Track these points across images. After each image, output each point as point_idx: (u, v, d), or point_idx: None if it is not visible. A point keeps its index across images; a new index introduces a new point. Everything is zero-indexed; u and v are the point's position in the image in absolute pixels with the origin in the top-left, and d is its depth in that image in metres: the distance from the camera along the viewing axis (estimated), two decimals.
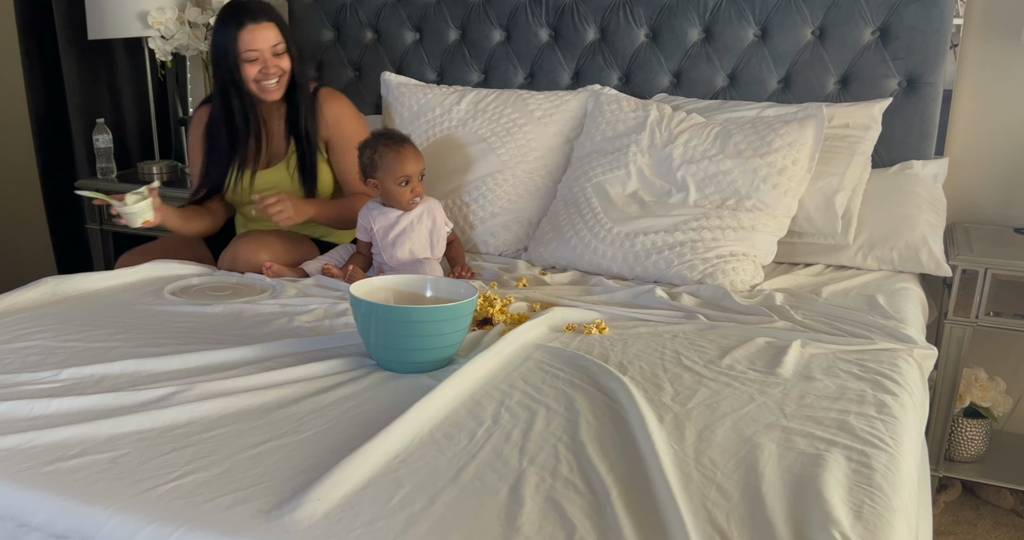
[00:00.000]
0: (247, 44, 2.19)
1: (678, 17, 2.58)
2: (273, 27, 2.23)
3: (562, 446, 1.32)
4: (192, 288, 2.06)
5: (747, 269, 2.11)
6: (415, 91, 2.68)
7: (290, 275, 2.18)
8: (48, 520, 1.17)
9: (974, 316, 2.25)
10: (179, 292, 2.02)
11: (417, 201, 2.17)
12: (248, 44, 2.19)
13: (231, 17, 2.20)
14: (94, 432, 1.33)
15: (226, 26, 2.20)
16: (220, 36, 2.22)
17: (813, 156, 2.22)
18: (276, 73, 2.24)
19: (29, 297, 1.94)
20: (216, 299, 1.97)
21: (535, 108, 2.55)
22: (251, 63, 2.22)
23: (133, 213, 2.08)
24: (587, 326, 1.82)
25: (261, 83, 2.24)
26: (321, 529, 1.10)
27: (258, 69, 2.22)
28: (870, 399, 1.51)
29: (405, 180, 2.13)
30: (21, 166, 3.61)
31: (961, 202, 2.58)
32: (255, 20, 2.20)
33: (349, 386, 1.52)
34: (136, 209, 2.08)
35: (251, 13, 2.20)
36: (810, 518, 1.13)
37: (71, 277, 2.04)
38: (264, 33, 2.21)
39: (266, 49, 2.21)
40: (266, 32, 2.21)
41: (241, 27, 2.19)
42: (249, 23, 2.19)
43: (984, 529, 2.37)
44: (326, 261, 2.25)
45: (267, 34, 2.21)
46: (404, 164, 2.12)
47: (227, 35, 2.20)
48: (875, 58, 2.43)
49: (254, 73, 2.23)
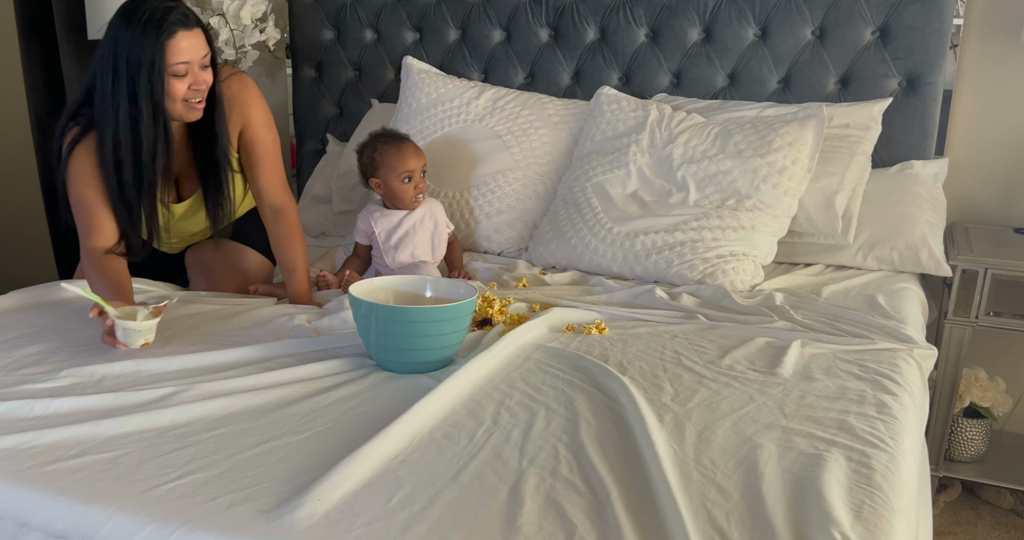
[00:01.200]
0: (177, 56, 1.75)
1: (678, 17, 2.58)
2: (201, 34, 1.81)
3: (562, 446, 1.32)
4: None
5: (747, 269, 2.11)
6: (435, 79, 2.68)
7: (278, 293, 2.07)
8: (48, 520, 1.17)
9: (974, 316, 2.25)
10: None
11: (420, 198, 2.17)
12: (178, 55, 1.75)
13: (151, 20, 1.73)
14: (94, 432, 1.33)
15: (145, 32, 1.73)
16: (135, 43, 1.74)
17: (813, 156, 2.22)
18: (204, 89, 1.84)
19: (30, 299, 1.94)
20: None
21: (553, 113, 2.55)
22: (180, 78, 1.78)
23: (137, 331, 1.60)
24: (587, 326, 1.82)
25: (190, 102, 1.82)
26: (321, 529, 1.10)
27: (188, 85, 1.80)
28: (870, 399, 1.51)
29: (408, 176, 2.13)
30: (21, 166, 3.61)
31: (961, 202, 2.58)
32: (186, 26, 1.77)
33: (349, 386, 1.52)
34: (142, 327, 1.60)
35: (182, 17, 1.76)
36: (810, 518, 1.13)
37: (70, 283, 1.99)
38: (196, 42, 1.79)
39: (196, 61, 1.79)
40: (197, 41, 1.79)
41: (170, 35, 1.74)
42: (180, 30, 1.75)
43: (984, 529, 2.37)
44: (321, 266, 2.22)
45: (198, 43, 1.80)
46: (406, 160, 2.13)
47: (147, 44, 1.73)
48: (875, 58, 2.43)
49: (183, 90, 1.80)
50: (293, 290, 2.02)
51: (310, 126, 3.05)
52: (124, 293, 1.76)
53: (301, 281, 2.02)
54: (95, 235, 1.86)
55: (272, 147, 2.03)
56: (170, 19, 1.74)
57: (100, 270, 1.81)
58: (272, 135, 2.03)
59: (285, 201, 2.04)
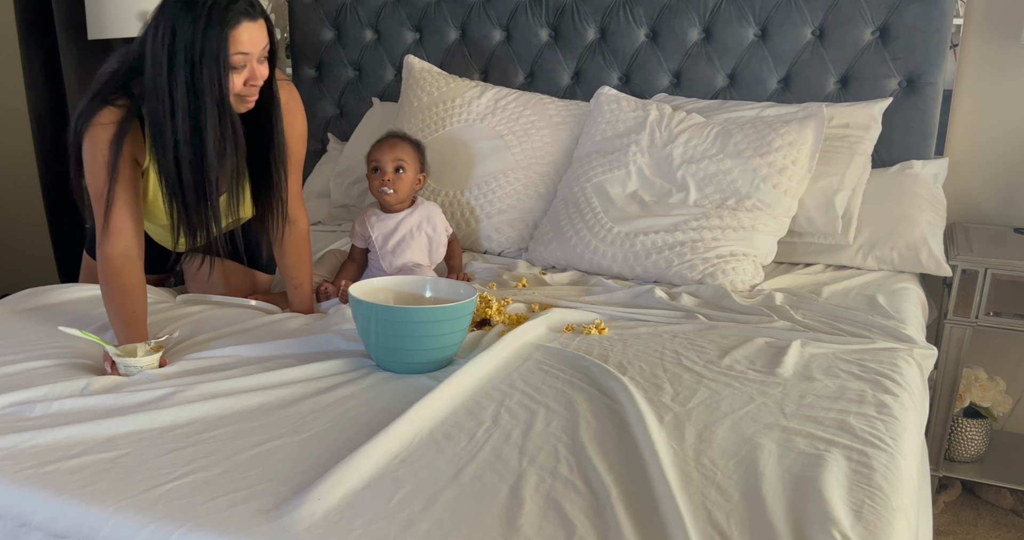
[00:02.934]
0: (239, 46, 1.63)
1: (678, 17, 2.58)
2: (264, 25, 1.68)
3: (562, 446, 1.32)
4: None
5: (747, 269, 2.11)
6: (436, 78, 2.68)
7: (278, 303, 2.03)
8: (48, 520, 1.17)
9: (974, 316, 2.25)
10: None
11: (387, 191, 2.14)
12: (238, 46, 1.63)
13: (216, 7, 1.61)
14: (94, 432, 1.33)
15: (210, 21, 1.60)
16: (197, 33, 1.60)
17: (813, 156, 2.22)
18: (260, 85, 1.72)
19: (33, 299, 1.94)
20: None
21: (554, 113, 2.55)
22: (238, 71, 1.66)
23: (139, 368, 1.57)
24: (587, 326, 1.82)
25: (245, 97, 1.71)
26: (321, 529, 1.10)
27: (244, 79, 1.68)
28: (870, 399, 1.51)
29: (376, 166, 2.14)
30: (21, 166, 3.61)
31: (961, 202, 2.58)
32: (252, 17, 1.64)
33: (349, 386, 1.52)
34: (143, 364, 1.57)
35: (248, 6, 1.64)
36: (810, 518, 1.13)
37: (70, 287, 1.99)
38: (259, 33, 1.66)
39: (256, 54, 1.67)
40: (260, 32, 1.67)
41: (235, 25, 1.62)
42: (245, 21, 1.63)
43: (984, 529, 2.37)
44: (319, 273, 2.19)
45: (260, 35, 1.67)
46: (377, 149, 2.16)
47: (211, 34, 1.60)
48: (875, 58, 2.43)
49: (240, 84, 1.67)
50: (297, 305, 2.00)
51: (310, 126, 2.99)
52: (136, 323, 1.67)
53: (306, 297, 2.00)
54: (115, 238, 1.70)
55: (301, 159, 1.98)
56: (236, 8, 1.62)
57: (118, 287, 1.68)
58: (304, 148, 1.97)
59: (299, 213, 1.98)
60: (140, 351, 1.59)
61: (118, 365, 1.57)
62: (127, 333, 1.65)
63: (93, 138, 1.68)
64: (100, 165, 1.68)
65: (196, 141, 1.66)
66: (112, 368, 1.58)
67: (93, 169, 1.70)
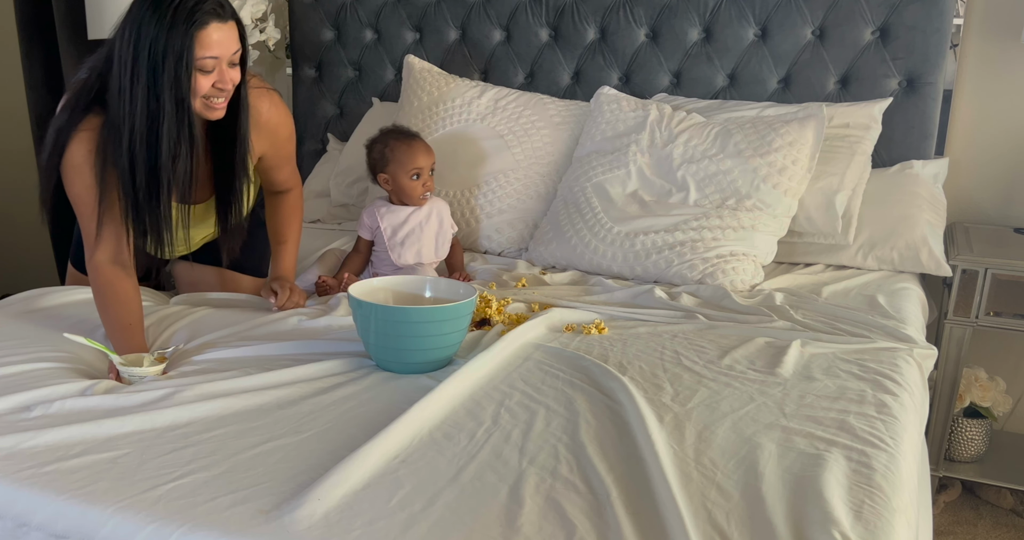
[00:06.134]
0: (206, 49, 1.60)
1: (678, 17, 2.58)
2: (235, 28, 1.65)
3: (562, 446, 1.32)
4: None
5: (747, 269, 2.11)
6: (437, 78, 2.68)
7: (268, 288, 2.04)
8: (48, 520, 1.17)
9: (974, 316, 2.25)
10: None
11: (427, 195, 2.18)
12: (207, 49, 1.60)
13: (183, 7, 1.58)
14: (94, 432, 1.33)
15: (175, 20, 1.57)
16: (162, 32, 1.57)
17: (813, 156, 2.22)
18: (229, 89, 1.68)
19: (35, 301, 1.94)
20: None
21: (554, 113, 2.55)
22: (205, 74, 1.63)
23: (142, 378, 1.56)
24: (586, 326, 1.82)
25: (211, 100, 1.67)
26: (321, 529, 1.10)
27: (212, 82, 1.64)
28: (870, 399, 1.51)
29: (416, 173, 2.14)
30: (21, 166, 3.61)
31: (961, 202, 2.58)
32: (221, 18, 1.61)
33: (349, 386, 1.51)
34: (147, 374, 1.56)
35: (217, 7, 1.61)
36: (810, 518, 1.13)
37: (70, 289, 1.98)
38: (228, 36, 1.63)
39: (225, 57, 1.64)
40: (230, 35, 1.63)
41: (202, 25, 1.58)
42: (214, 21, 1.60)
43: (984, 529, 2.37)
44: (319, 271, 2.19)
45: (230, 38, 1.64)
46: (416, 157, 2.14)
47: (176, 33, 1.57)
48: (875, 58, 2.43)
49: (207, 87, 1.64)
50: (278, 263, 1.99)
51: (310, 126, 3.05)
52: (133, 331, 1.67)
53: (289, 255, 2.01)
54: (103, 244, 1.70)
55: (292, 155, 2.01)
56: (204, 8, 1.59)
57: (111, 296, 1.69)
58: (295, 142, 2.01)
59: (294, 183, 2.03)
60: (146, 361, 1.58)
61: (122, 374, 1.56)
62: (124, 339, 1.65)
63: (78, 149, 1.67)
64: (88, 176, 1.67)
65: (152, 141, 1.63)
66: (117, 378, 1.58)
67: (80, 180, 1.68)
